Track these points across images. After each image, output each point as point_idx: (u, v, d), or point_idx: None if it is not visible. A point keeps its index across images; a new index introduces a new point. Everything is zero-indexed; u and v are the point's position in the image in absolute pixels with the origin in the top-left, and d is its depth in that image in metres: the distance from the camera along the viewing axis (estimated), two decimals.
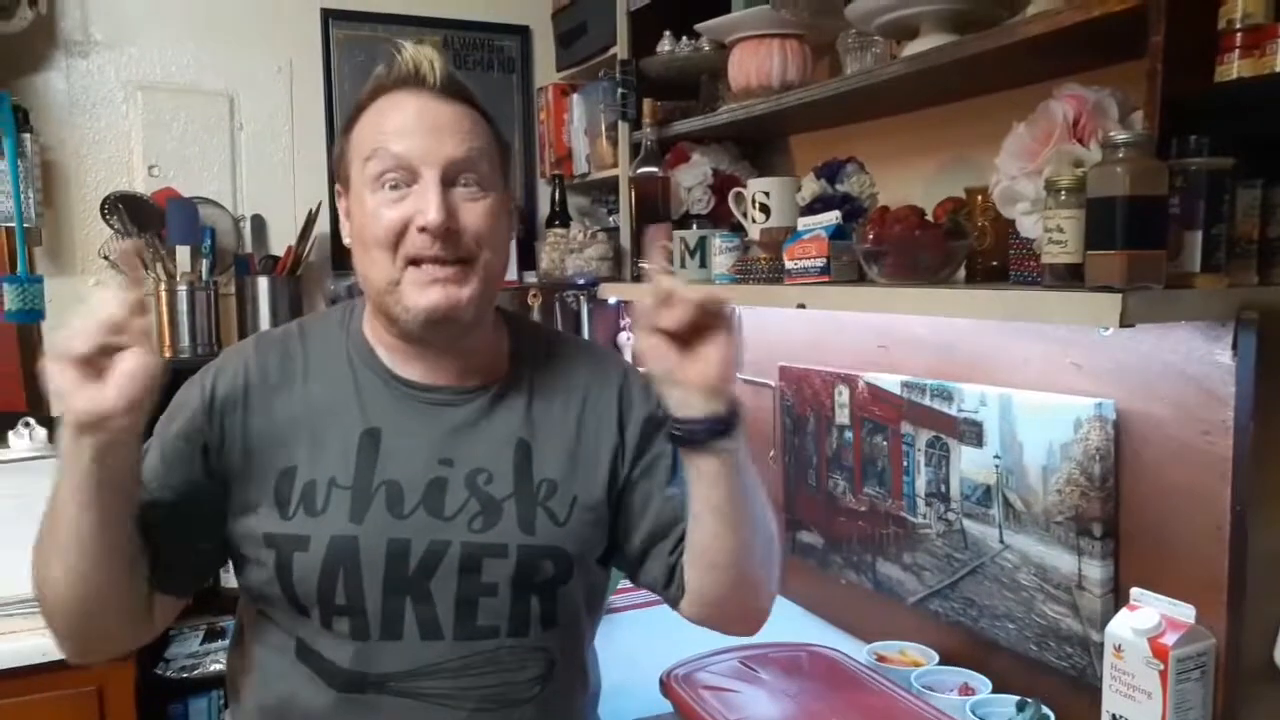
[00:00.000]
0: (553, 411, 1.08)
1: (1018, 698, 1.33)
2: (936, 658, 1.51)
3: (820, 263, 1.46)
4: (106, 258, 2.20)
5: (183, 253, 2.13)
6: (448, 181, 0.99)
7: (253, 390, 1.05)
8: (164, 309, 2.14)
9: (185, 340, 2.14)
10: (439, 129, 1.00)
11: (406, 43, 1.05)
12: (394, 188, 0.99)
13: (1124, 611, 1.13)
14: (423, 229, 0.97)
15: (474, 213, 1.00)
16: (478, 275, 1.01)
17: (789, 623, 1.80)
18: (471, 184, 1.01)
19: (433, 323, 0.99)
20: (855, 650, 1.56)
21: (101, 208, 2.15)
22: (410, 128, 1.00)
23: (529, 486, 1.04)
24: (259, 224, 2.35)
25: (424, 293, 0.98)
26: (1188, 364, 1.11)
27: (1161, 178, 0.97)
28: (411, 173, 0.99)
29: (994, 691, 1.38)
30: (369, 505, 1.00)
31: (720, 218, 1.89)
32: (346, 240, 1.07)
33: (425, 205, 0.97)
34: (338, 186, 1.09)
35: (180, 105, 2.28)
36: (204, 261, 2.18)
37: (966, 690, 1.40)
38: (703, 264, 1.82)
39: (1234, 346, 1.05)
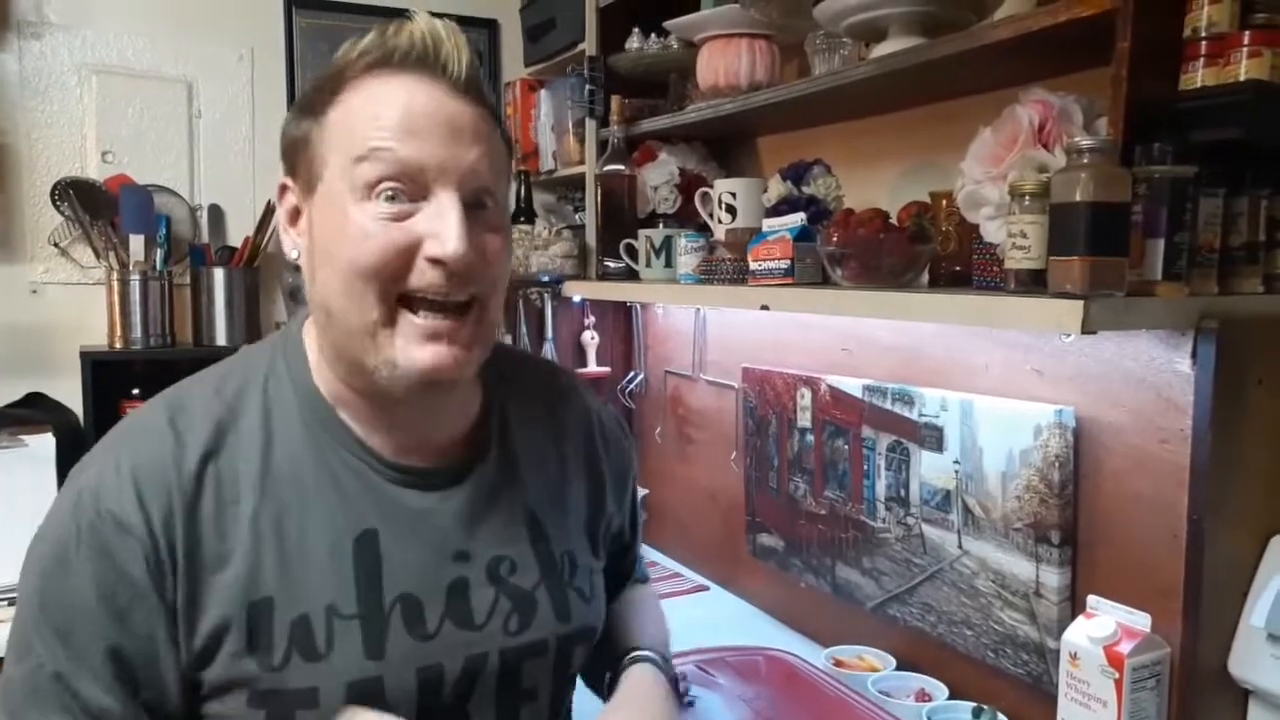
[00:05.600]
0: (544, 466, 0.93)
1: (973, 704, 1.33)
2: (894, 663, 1.50)
3: (784, 264, 1.44)
4: (56, 245, 2.14)
5: (136, 241, 2.08)
6: (466, 203, 0.78)
7: (188, 499, 0.78)
8: (115, 299, 2.09)
9: (137, 332, 2.09)
10: (459, 134, 0.78)
11: (419, 12, 0.81)
12: (391, 199, 0.76)
13: (1080, 619, 1.13)
14: (437, 261, 0.76)
15: (492, 247, 0.81)
16: (482, 327, 0.82)
17: (747, 626, 1.79)
18: (489, 207, 0.81)
19: (425, 384, 0.79)
20: (813, 654, 1.55)
21: (52, 193, 2.10)
22: (423, 128, 0.77)
23: (554, 567, 0.89)
24: (216, 214, 2.30)
25: (421, 348, 0.77)
26: (1147, 372, 1.11)
27: (1124, 185, 0.97)
28: (422, 187, 0.77)
29: (950, 698, 1.38)
30: (386, 632, 0.80)
31: (687, 217, 1.88)
32: (293, 254, 0.83)
33: (445, 231, 0.76)
34: (285, 180, 0.83)
35: (137, 90, 2.23)
36: (158, 251, 2.13)
37: (923, 696, 1.40)
38: (668, 263, 1.80)
39: (1193, 355, 1.04)
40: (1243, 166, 1.05)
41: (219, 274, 2.17)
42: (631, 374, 2.25)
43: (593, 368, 2.19)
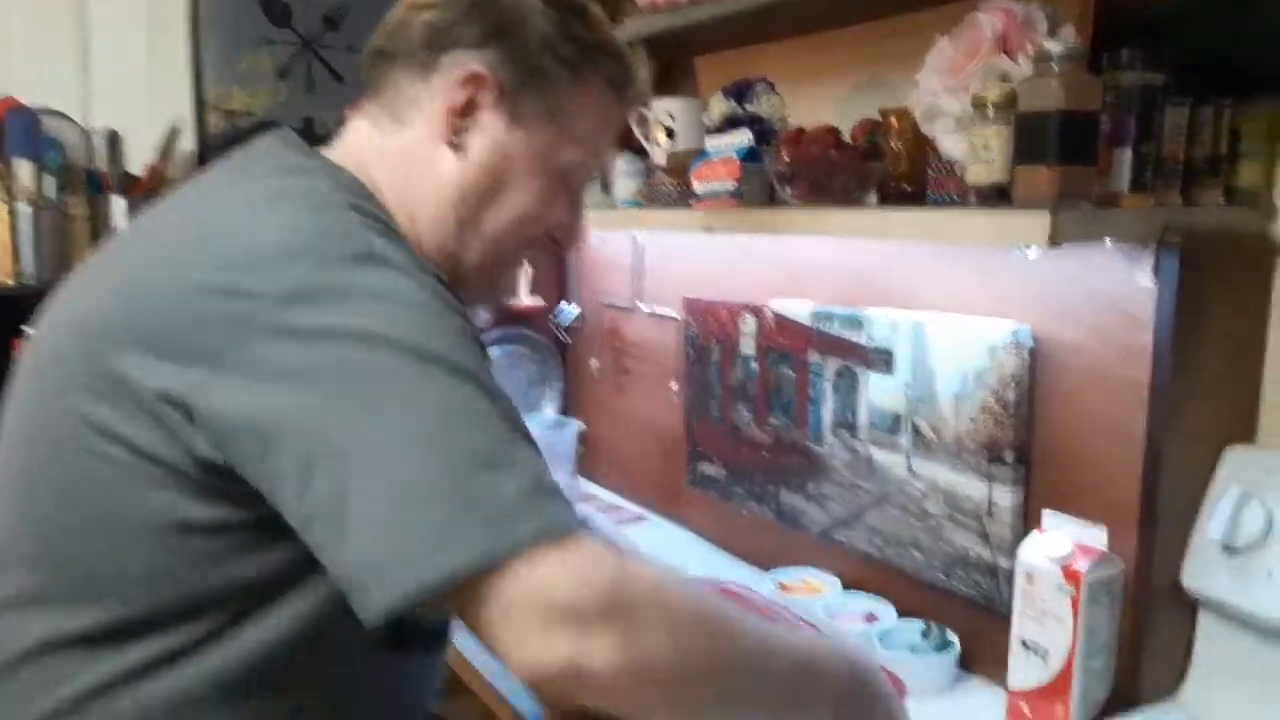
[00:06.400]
0: None
1: (922, 623, 1.33)
2: (839, 584, 1.50)
3: (730, 185, 1.39)
4: None
5: (22, 167, 1.93)
6: None
7: None
8: (4, 231, 1.94)
9: (30, 266, 1.95)
10: None
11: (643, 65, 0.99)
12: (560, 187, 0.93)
13: (1035, 535, 1.12)
14: (557, 243, 0.96)
15: None
16: None
17: (688, 553, 1.77)
18: None
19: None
20: (758, 580, 1.54)
21: None
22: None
23: None
24: (113, 139, 2.14)
25: (505, 291, 1.00)
26: (1108, 288, 1.10)
27: (1095, 92, 0.94)
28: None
29: (899, 617, 1.37)
30: None
31: (622, 144, 1.81)
32: (451, 161, 0.88)
33: (577, 230, 0.97)
34: (482, 70, 0.86)
35: (18, 4, 2.05)
36: (50, 179, 1.98)
37: (871, 618, 1.40)
38: (604, 189, 1.74)
39: (1155, 270, 1.03)
40: (1209, 76, 1.03)
41: (120, 204, 2.03)
42: (566, 305, 2.18)
43: (524, 300, 2.12)
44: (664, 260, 1.88)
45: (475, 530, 0.63)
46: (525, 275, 2.08)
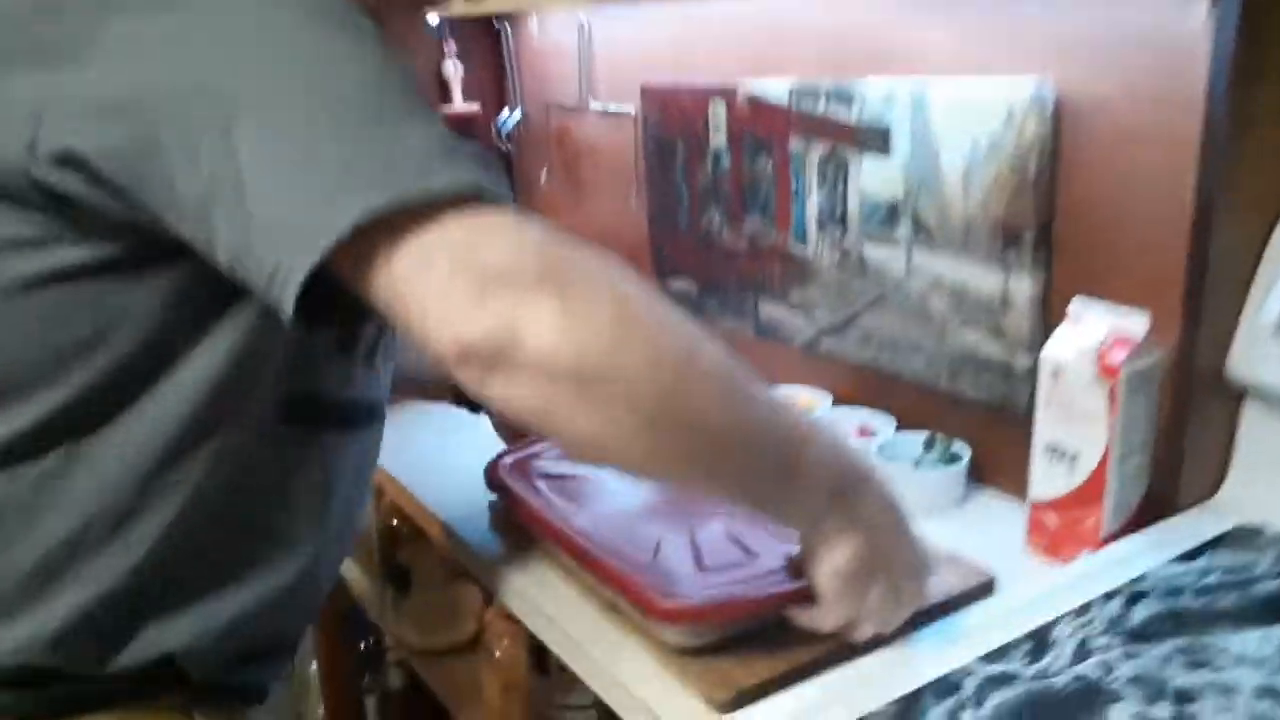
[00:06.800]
0: None
1: (925, 435, 1.21)
2: (830, 399, 1.37)
3: None
4: None
5: None
6: None
7: None
8: None
9: None
10: None
11: None
12: None
13: (1064, 326, 0.98)
14: None
15: None
16: None
17: None
18: None
19: None
20: None
21: None
22: None
23: None
24: None
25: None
26: (1151, 28, 0.91)
27: None
28: None
29: (899, 430, 1.25)
30: None
31: None
32: None
33: None
34: None
35: None
36: None
37: (866, 432, 1.27)
38: None
39: (1213, 2, 0.85)
40: None
41: None
42: (507, 110, 1.96)
43: (458, 105, 1.89)
44: (616, 45, 1.66)
45: (384, 172, 0.57)
46: (456, 77, 1.85)
